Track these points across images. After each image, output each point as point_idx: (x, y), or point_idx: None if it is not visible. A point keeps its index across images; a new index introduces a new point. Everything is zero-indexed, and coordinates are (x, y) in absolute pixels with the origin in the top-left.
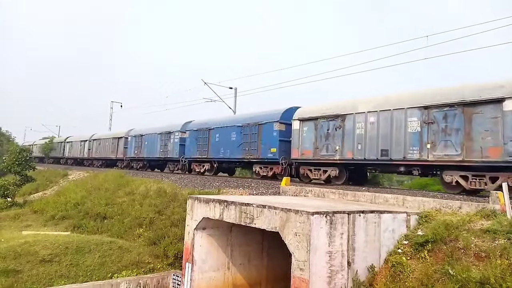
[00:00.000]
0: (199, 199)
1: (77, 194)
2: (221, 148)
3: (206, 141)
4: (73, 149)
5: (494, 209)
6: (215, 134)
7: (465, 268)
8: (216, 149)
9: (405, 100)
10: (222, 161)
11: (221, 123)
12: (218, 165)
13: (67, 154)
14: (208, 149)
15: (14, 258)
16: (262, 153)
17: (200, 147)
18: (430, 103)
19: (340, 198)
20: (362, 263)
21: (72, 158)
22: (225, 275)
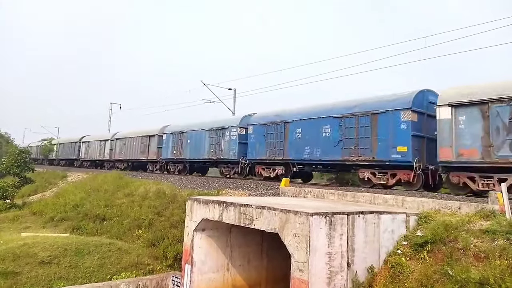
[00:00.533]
0: (199, 200)
1: (76, 196)
2: (306, 147)
3: (281, 138)
4: (91, 150)
5: (493, 210)
6: (295, 129)
7: (465, 269)
8: (298, 148)
9: None
10: (306, 163)
11: (305, 115)
12: (299, 168)
13: (83, 155)
14: (285, 148)
15: (13, 260)
16: (380, 153)
17: (271, 145)
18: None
19: (339, 199)
20: (361, 264)
21: (89, 160)
22: (225, 276)
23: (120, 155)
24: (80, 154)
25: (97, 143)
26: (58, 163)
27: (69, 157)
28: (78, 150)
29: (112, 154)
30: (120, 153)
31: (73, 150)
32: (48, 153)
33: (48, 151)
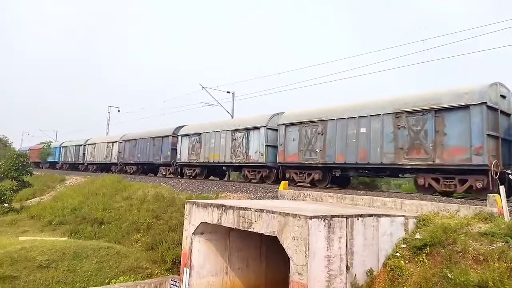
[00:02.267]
0: (197, 203)
1: (74, 199)
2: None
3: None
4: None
5: (491, 212)
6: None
7: (464, 272)
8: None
9: None
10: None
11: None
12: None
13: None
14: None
15: (11, 264)
16: None
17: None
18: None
19: (338, 202)
20: (360, 267)
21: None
22: (223, 280)
23: (130, 157)
24: (85, 157)
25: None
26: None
27: (73, 160)
28: (83, 153)
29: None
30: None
31: (78, 153)
32: (46, 156)
33: (47, 155)
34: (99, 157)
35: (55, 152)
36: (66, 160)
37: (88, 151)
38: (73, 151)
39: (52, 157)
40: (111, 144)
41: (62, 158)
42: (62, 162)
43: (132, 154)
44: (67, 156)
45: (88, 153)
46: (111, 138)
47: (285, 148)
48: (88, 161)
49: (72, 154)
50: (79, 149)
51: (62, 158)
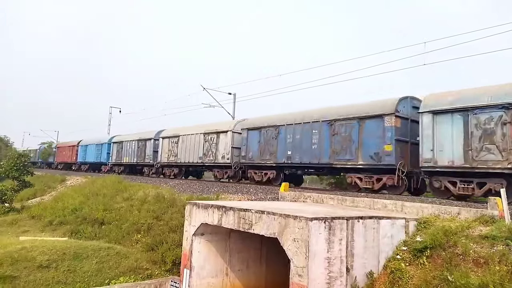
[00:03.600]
0: (198, 204)
1: (75, 200)
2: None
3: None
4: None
5: (492, 215)
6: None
7: (464, 274)
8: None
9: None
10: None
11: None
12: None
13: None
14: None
15: (11, 264)
16: None
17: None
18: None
19: (338, 203)
20: (361, 269)
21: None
22: (224, 281)
23: (170, 157)
24: (110, 157)
25: (134, 143)
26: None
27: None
28: (108, 153)
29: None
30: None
31: (100, 153)
32: (47, 156)
33: (48, 155)
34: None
35: (100, 150)
36: (122, 160)
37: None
38: (134, 147)
39: (94, 156)
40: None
41: (114, 158)
42: (114, 163)
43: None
44: (124, 155)
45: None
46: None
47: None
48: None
49: (133, 152)
50: (145, 145)
51: (113, 157)
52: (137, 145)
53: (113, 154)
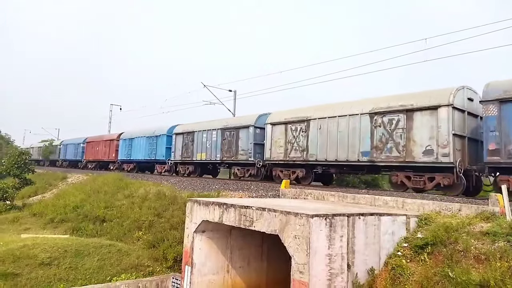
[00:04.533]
0: (199, 202)
1: (76, 197)
2: None
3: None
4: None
5: (493, 212)
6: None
7: (465, 271)
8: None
9: None
10: None
11: None
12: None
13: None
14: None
15: (13, 262)
16: None
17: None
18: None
19: (339, 200)
20: (362, 266)
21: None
22: (225, 278)
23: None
24: (172, 153)
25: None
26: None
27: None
28: (167, 148)
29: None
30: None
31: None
32: (49, 154)
33: (49, 153)
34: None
35: (154, 144)
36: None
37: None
38: (215, 139)
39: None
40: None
41: (179, 154)
42: (179, 160)
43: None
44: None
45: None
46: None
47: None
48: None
49: (215, 146)
50: (237, 135)
51: (177, 153)
52: (221, 136)
53: (176, 149)
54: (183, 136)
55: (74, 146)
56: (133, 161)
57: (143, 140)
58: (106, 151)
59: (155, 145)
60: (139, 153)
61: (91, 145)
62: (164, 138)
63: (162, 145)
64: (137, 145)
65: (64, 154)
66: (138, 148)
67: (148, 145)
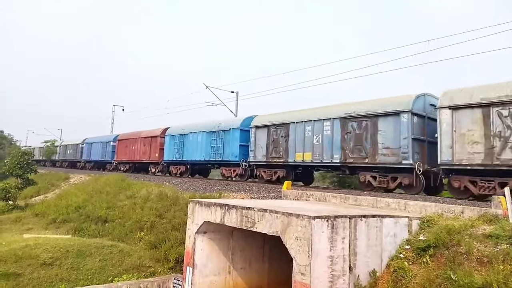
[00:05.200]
0: (200, 203)
1: (78, 198)
2: None
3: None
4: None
5: (496, 214)
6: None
7: (467, 273)
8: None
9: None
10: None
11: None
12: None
13: (260, 156)
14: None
15: (15, 261)
16: None
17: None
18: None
19: (341, 202)
20: (363, 268)
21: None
22: (226, 279)
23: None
24: (251, 152)
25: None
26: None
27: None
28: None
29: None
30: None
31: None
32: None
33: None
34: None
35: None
36: (288, 157)
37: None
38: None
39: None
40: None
41: (262, 154)
42: (259, 162)
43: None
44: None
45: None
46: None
47: (255, 148)
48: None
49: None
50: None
51: (259, 153)
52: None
53: (257, 148)
54: (268, 130)
55: (102, 145)
56: (186, 162)
57: (202, 136)
58: (146, 150)
59: (221, 142)
60: (196, 152)
61: (124, 143)
62: (237, 132)
63: (233, 142)
64: (192, 143)
65: (87, 154)
66: (194, 146)
67: (210, 142)
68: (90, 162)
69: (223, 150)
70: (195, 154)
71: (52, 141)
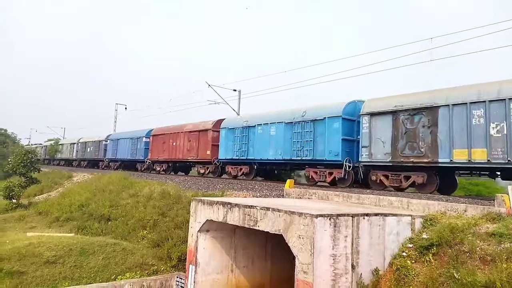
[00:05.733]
0: (203, 201)
1: (81, 196)
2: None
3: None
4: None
5: (499, 212)
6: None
7: (471, 272)
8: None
9: None
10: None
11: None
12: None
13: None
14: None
15: (19, 260)
16: None
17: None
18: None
19: (344, 200)
20: (366, 266)
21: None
22: (229, 277)
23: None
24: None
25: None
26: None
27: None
28: (343, 140)
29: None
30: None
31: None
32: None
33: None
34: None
35: (309, 131)
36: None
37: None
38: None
39: (288, 149)
40: None
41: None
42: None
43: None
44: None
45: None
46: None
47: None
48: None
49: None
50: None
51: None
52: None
53: (375, 143)
54: (395, 117)
55: (131, 142)
56: (251, 162)
57: (278, 128)
58: (193, 147)
59: (310, 135)
60: (268, 149)
61: (161, 139)
62: (337, 122)
63: (331, 136)
64: (262, 137)
65: (113, 152)
66: (264, 142)
67: (291, 136)
68: (115, 161)
69: (313, 146)
70: (266, 152)
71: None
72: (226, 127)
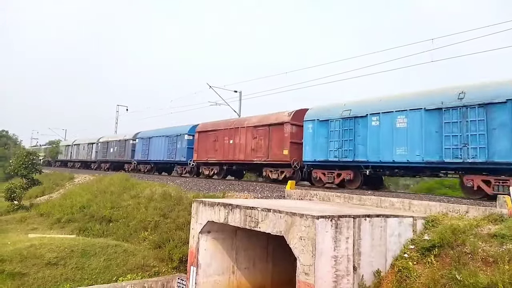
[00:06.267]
0: (204, 202)
1: (83, 197)
2: None
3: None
4: None
5: (501, 214)
6: None
7: (473, 273)
8: None
9: None
10: None
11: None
12: None
13: None
14: None
15: (20, 261)
16: None
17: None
18: None
19: (345, 202)
20: (368, 267)
21: None
22: (230, 279)
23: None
24: None
25: None
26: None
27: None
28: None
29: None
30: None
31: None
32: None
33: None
34: None
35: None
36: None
37: None
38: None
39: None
40: None
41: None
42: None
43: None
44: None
45: None
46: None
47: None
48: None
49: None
50: None
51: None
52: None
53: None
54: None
55: (168, 140)
56: (356, 164)
57: (412, 117)
58: (260, 146)
59: (480, 126)
60: (395, 147)
61: (212, 136)
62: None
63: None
64: (383, 131)
65: (143, 153)
66: (388, 137)
67: (437, 129)
68: (147, 163)
69: (487, 142)
70: (390, 151)
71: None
72: (314, 119)
